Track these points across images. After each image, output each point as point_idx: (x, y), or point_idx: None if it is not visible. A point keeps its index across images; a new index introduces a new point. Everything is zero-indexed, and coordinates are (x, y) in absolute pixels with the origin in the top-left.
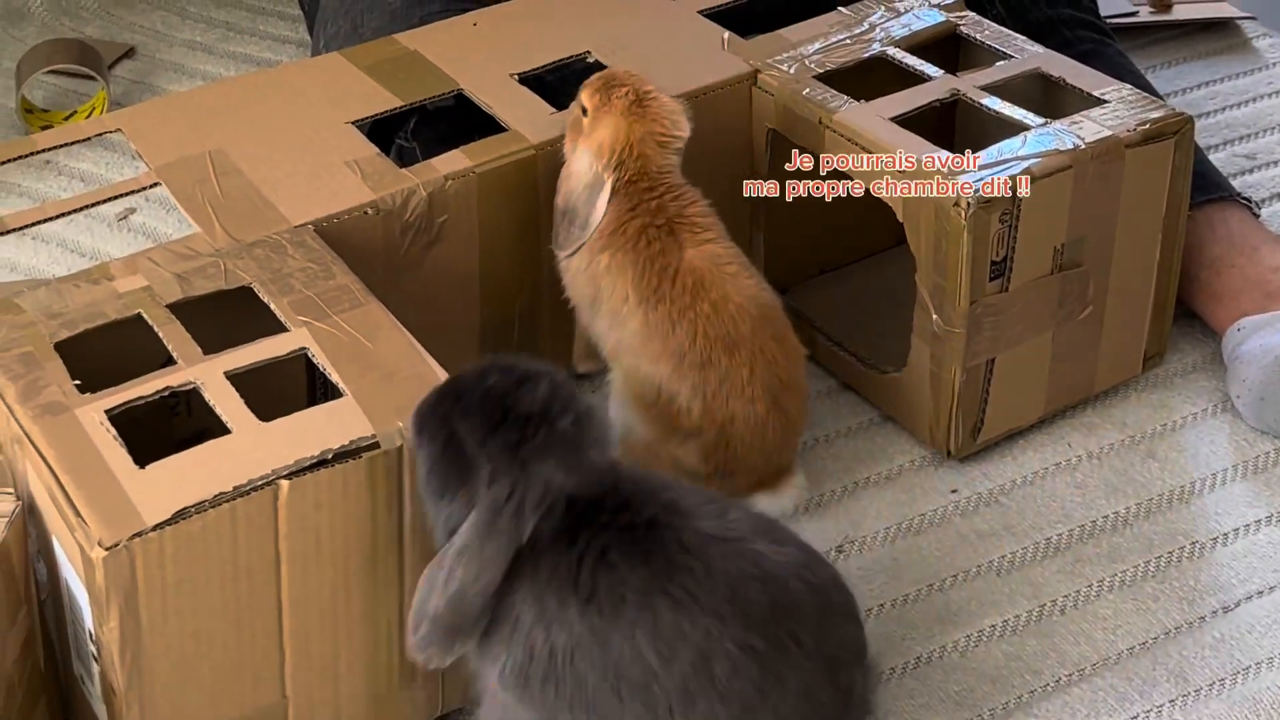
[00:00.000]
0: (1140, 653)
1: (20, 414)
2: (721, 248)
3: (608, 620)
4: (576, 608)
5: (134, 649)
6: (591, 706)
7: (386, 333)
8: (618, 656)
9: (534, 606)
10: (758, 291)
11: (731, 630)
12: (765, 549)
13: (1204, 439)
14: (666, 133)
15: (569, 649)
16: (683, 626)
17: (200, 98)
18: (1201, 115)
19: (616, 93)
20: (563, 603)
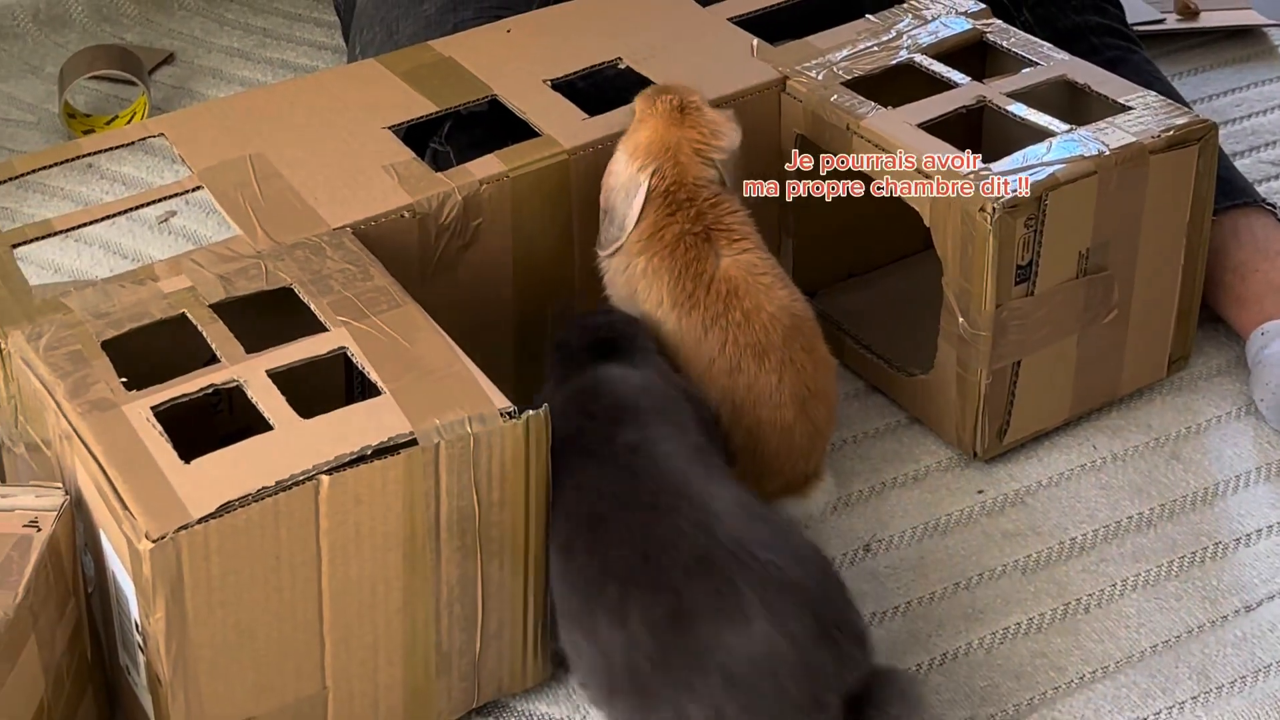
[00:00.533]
0: (1163, 650)
1: (69, 410)
2: (757, 257)
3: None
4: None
5: (179, 640)
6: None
7: (423, 333)
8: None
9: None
10: (790, 301)
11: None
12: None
13: (1228, 441)
14: (705, 141)
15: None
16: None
17: (240, 103)
18: (1227, 122)
19: (662, 100)
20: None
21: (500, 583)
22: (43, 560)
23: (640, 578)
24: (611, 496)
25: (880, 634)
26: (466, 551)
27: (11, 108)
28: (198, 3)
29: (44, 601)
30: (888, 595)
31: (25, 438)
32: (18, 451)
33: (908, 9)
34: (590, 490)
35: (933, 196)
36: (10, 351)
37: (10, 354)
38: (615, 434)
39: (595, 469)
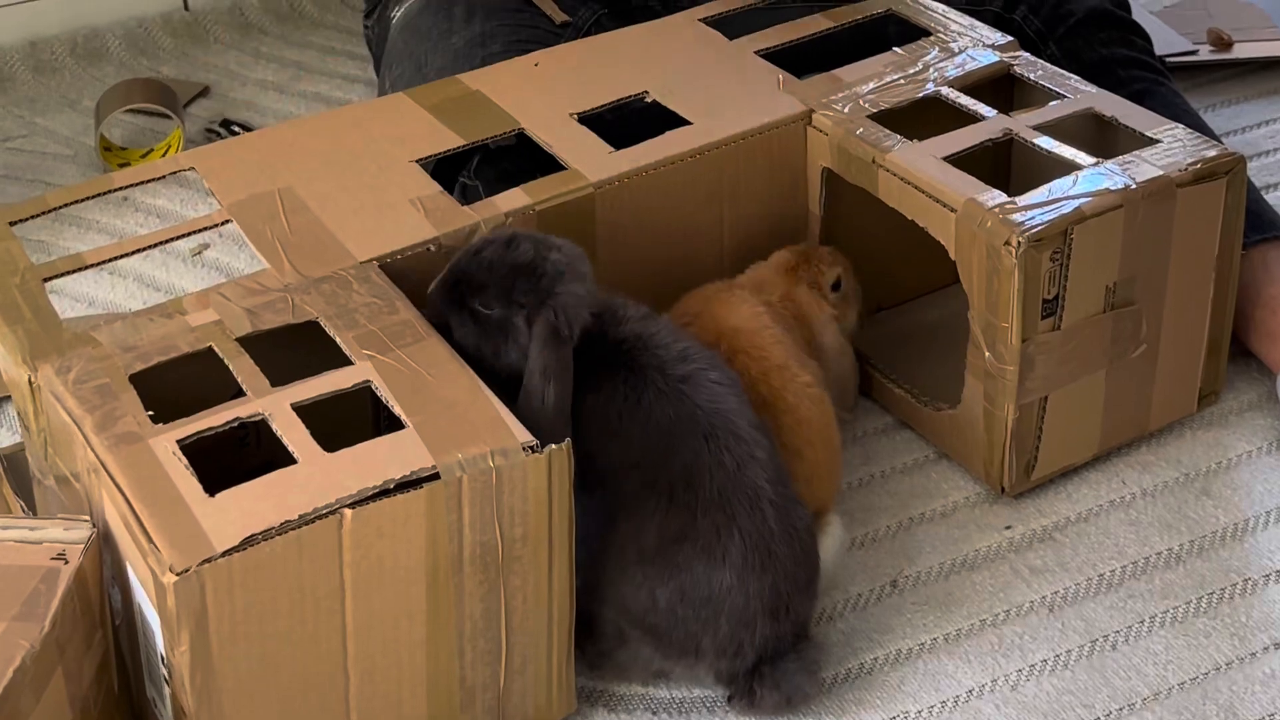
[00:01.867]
0: (1191, 687)
1: (96, 443)
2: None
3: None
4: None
5: (204, 672)
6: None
7: (447, 366)
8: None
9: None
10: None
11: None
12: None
13: (1258, 477)
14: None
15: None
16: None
17: (270, 137)
18: (1260, 154)
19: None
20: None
21: (524, 617)
22: (70, 593)
23: (675, 494)
24: (671, 421)
25: (907, 670)
26: (490, 585)
27: (49, 141)
28: (233, 36)
29: (71, 634)
30: (914, 631)
31: (55, 470)
32: (48, 484)
33: (934, 42)
34: (651, 413)
35: (958, 230)
36: (40, 385)
37: (40, 387)
38: (667, 368)
39: (652, 396)
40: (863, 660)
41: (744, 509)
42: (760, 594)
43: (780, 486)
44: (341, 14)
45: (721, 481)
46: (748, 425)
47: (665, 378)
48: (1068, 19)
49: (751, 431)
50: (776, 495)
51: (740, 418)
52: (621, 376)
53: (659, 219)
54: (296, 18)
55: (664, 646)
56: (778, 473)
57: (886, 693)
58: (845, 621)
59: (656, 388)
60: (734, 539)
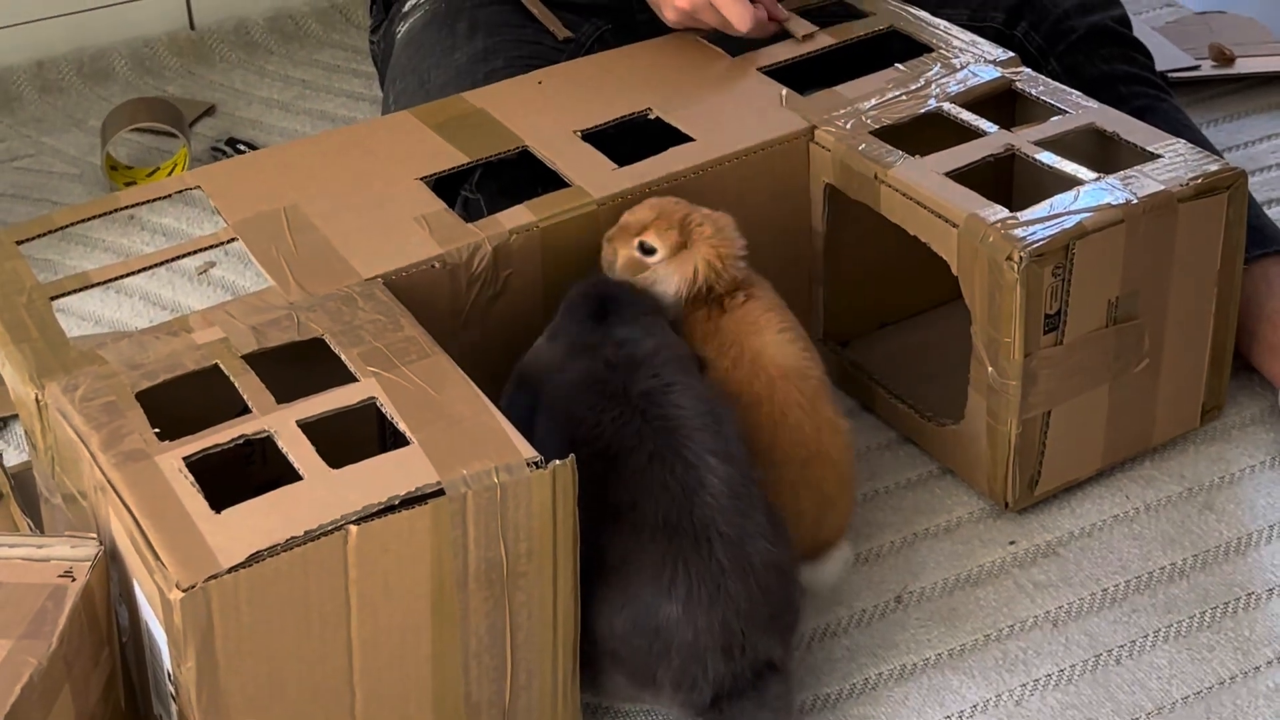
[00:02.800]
0: (1194, 701)
1: (103, 461)
2: (762, 307)
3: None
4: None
5: (210, 689)
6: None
7: (452, 383)
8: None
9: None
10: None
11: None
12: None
13: (1261, 491)
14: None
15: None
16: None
17: (275, 156)
18: (1263, 169)
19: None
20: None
21: (529, 633)
22: (77, 610)
23: (621, 517)
24: (623, 438)
25: (911, 685)
26: (495, 601)
27: (55, 160)
28: (238, 55)
29: (78, 651)
30: (919, 646)
31: (62, 488)
32: (55, 502)
33: (936, 58)
34: (606, 429)
35: (960, 246)
36: (47, 403)
37: (47, 405)
38: (631, 382)
39: (613, 411)
40: (867, 676)
41: (689, 540)
42: (710, 630)
43: (738, 518)
44: (346, 32)
45: (666, 509)
46: (704, 451)
47: (626, 392)
48: (1069, 35)
49: (706, 457)
50: (729, 528)
51: (695, 442)
52: (598, 380)
53: None
54: (302, 36)
55: (627, 674)
56: (738, 504)
57: (891, 708)
58: (849, 637)
59: (613, 399)
60: (679, 571)
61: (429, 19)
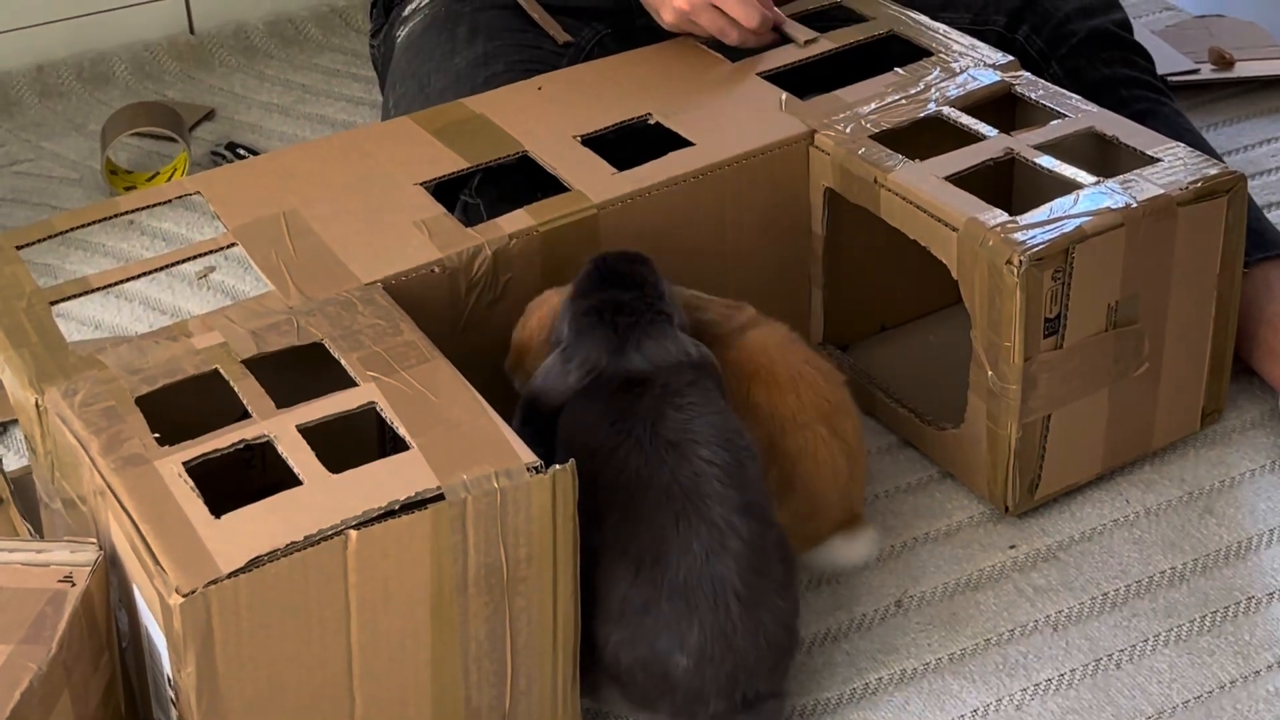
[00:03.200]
0: (1195, 706)
1: (103, 466)
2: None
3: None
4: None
5: (210, 693)
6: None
7: (451, 387)
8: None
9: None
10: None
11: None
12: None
13: (1261, 495)
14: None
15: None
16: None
17: (275, 161)
18: (1262, 172)
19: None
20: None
21: (529, 638)
22: (77, 615)
23: (642, 567)
24: (649, 489)
25: (912, 690)
26: (494, 606)
27: (55, 165)
28: (238, 59)
29: (78, 656)
30: (919, 651)
31: (62, 493)
32: (55, 507)
33: (936, 62)
34: (629, 472)
35: (960, 250)
36: (47, 408)
37: (47, 410)
38: (658, 421)
39: (639, 456)
40: (867, 680)
41: (707, 602)
42: (716, 679)
43: (755, 578)
44: (346, 36)
45: (688, 569)
46: (729, 511)
47: (653, 436)
48: (1070, 39)
49: (730, 517)
50: (745, 589)
51: (721, 503)
52: (618, 410)
53: (662, 239)
54: (301, 41)
55: (627, 697)
56: (754, 564)
57: (891, 712)
58: (850, 642)
59: (638, 441)
60: (693, 629)
61: (429, 23)
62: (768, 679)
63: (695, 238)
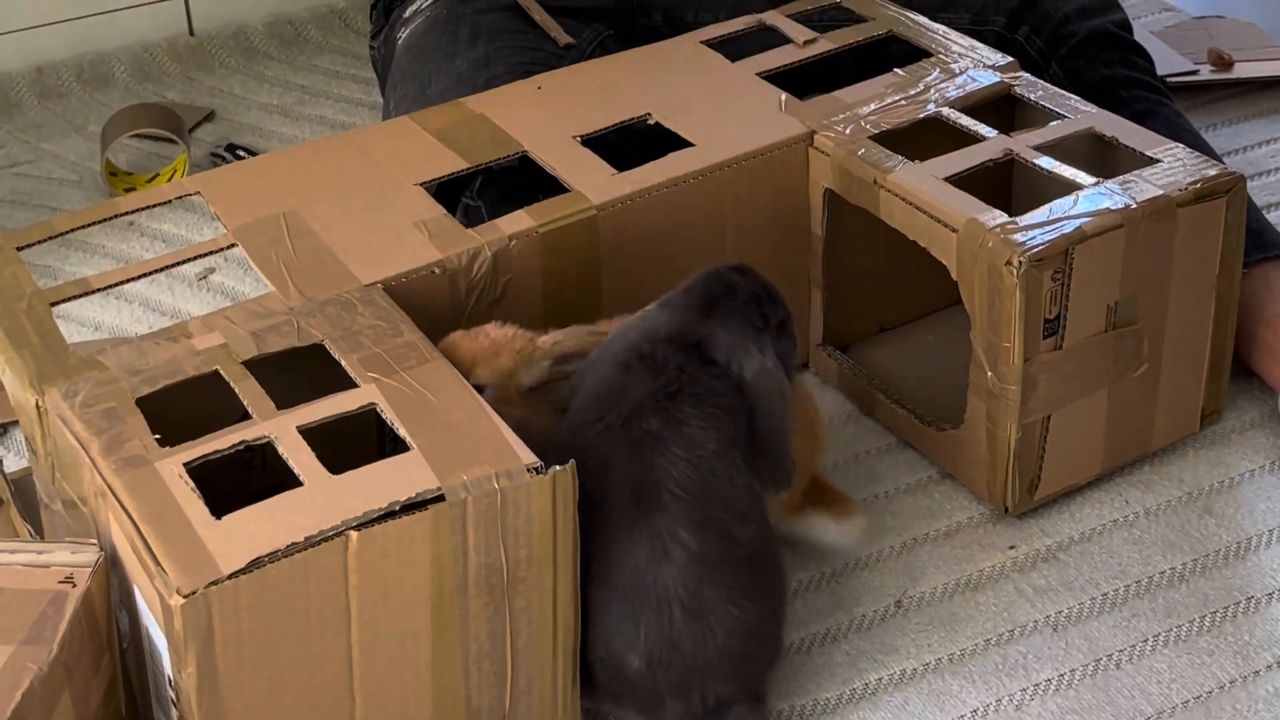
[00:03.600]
0: (1194, 706)
1: (103, 467)
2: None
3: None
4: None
5: (211, 694)
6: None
7: (452, 388)
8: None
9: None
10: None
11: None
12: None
13: (1261, 495)
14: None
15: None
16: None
17: (275, 162)
18: (1262, 173)
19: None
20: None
21: (529, 638)
22: (78, 616)
23: (593, 566)
24: (607, 477)
25: (911, 690)
26: (495, 607)
27: (55, 166)
28: (238, 60)
29: (79, 657)
30: (919, 651)
31: (62, 494)
32: (55, 508)
33: (935, 62)
34: (594, 452)
35: (959, 250)
36: (47, 409)
37: (47, 411)
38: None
39: (601, 432)
40: (867, 680)
41: (651, 608)
42: (668, 681)
43: (702, 588)
44: (346, 37)
45: (631, 574)
46: (675, 523)
47: (628, 422)
48: (1070, 39)
49: (678, 531)
50: (689, 597)
51: (668, 514)
52: (623, 381)
53: (662, 240)
54: (301, 42)
55: (595, 692)
56: (705, 572)
57: (891, 713)
58: (849, 642)
59: (609, 425)
60: (639, 633)
61: (430, 25)
62: (729, 683)
63: (695, 239)
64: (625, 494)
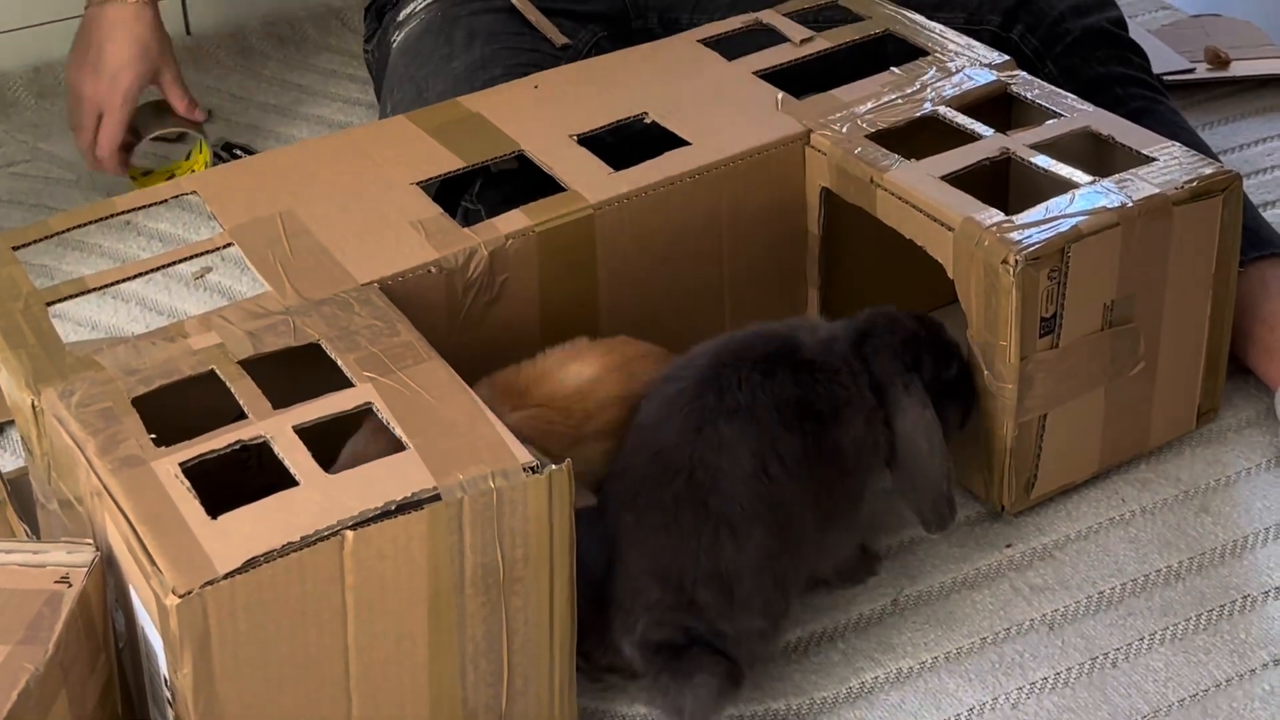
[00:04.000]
0: (1190, 704)
1: (99, 467)
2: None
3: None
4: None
5: (207, 695)
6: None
7: (448, 388)
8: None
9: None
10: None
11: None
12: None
13: (1257, 494)
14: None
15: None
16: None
17: (272, 161)
18: (1258, 171)
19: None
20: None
21: (525, 638)
22: (74, 616)
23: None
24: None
25: (908, 689)
26: (491, 606)
27: (52, 166)
28: (234, 60)
29: (75, 657)
30: (915, 649)
31: (58, 494)
32: (51, 508)
33: (932, 61)
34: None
35: (956, 249)
36: (43, 409)
37: (43, 411)
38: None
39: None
40: (863, 679)
41: (667, 469)
42: (649, 550)
43: (727, 480)
44: (343, 37)
45: (664, 437)
46: (740, 406)
47: (687, 411)
48: (1065, 37)
49: (729, 415)
50: (706, 475)
51: (739, 399)
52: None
53: (659, 239)
54: (298, 41)
55: (593, 606)
56: (741, 463)
57: (887, 711)
58: (845, 640)
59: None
60: (642, 490)
61: (425, 27)
62: (712, 589)
63: (691, 238)
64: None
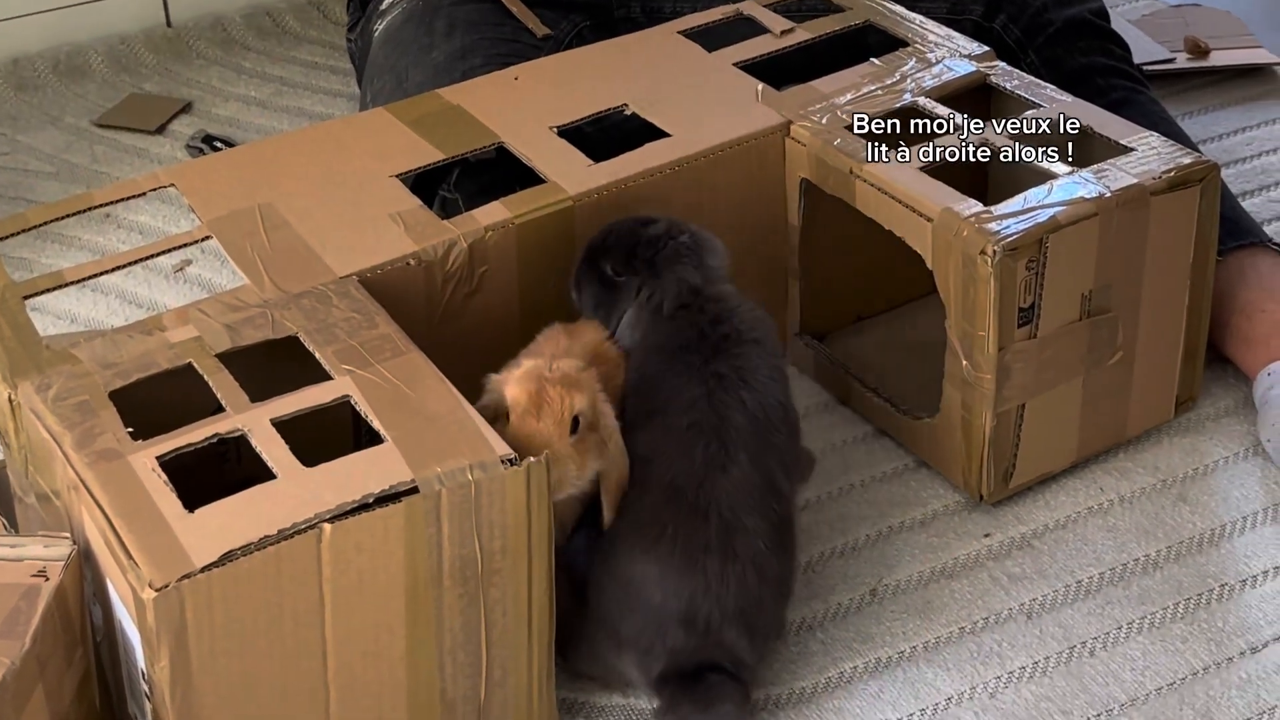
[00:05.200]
0: (1168, 693)
1: (76, 461)
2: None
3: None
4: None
5: (184, 687)
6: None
7: (427, 381)
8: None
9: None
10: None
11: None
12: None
13: (1235, 483)
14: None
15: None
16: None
17: (251, 154)
18: (1237, 161)
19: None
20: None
21: (504, 630)
22: (50, 610)
23: (636, 466)
24: (690, 421)
25: (887, 678)
26: (469, 599)
27: (30, 158)
28: (215, 52)
29: (52, 650)
30: (894, 639)
31: (35, 488)
32: (28, 502)
33: (912, 52)
34: (679, 407)
35: (935, 240)
36: (20, 402)
37: (20, 405)
38: (711, 361)
39: (691, 389)
40: (842, 669)
41: (686, 508)
42: (677, 596)
43: (742, 514)
44: (324, 29)
45: (679, 473)
46: (738, 447)
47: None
48: (1047, 28)
49: (740, 455)
50: (730, 514)
51: (740, 431)
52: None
53: None
54: (279, 33)
55: (598, 630)
56: (749, 502)
57: (866, 701)
58: (824, 630)
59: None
60: (665, 532)
61: (406, 17)
62: (734, 626)
63: None
64: (696, 404)
